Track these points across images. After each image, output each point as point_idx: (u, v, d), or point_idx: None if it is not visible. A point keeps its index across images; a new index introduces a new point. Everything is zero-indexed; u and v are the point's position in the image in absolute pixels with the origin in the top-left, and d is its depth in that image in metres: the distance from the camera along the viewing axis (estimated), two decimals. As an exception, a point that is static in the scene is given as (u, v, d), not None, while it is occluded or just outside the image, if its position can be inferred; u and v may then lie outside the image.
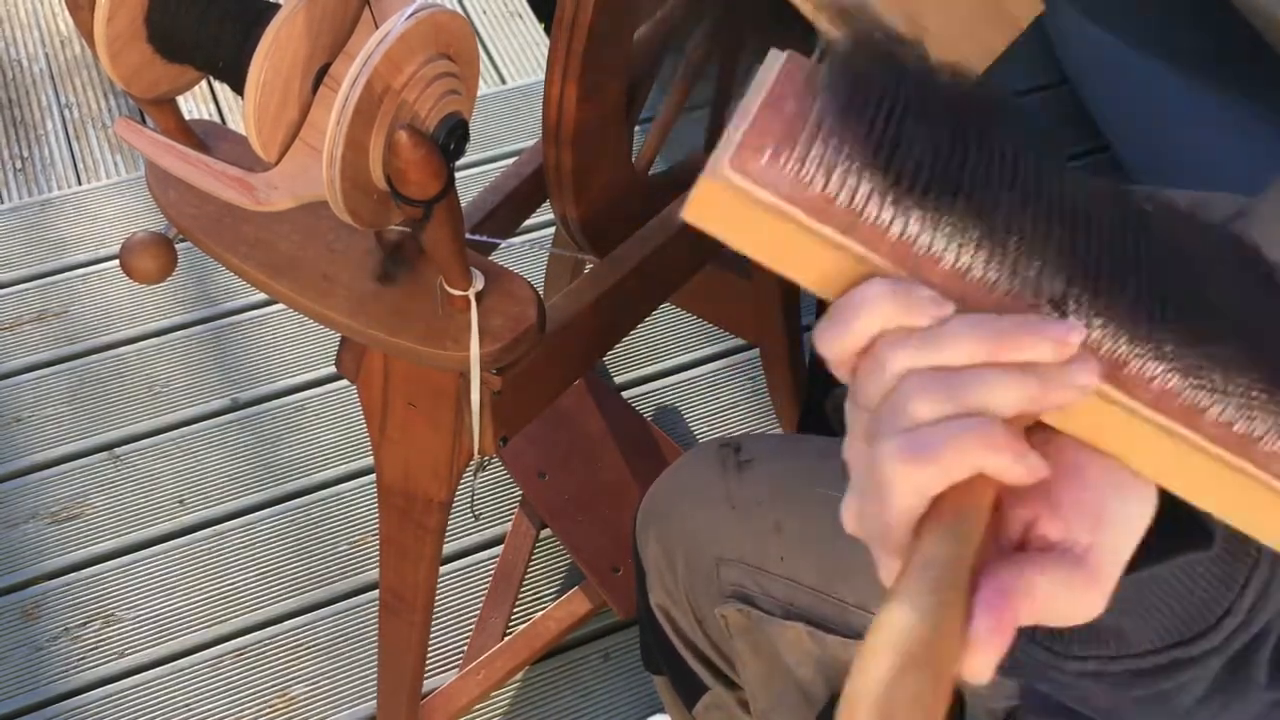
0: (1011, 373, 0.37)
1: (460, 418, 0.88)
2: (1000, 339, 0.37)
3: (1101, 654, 0.44)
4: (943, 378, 0.37)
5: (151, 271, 0.81)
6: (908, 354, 0.37)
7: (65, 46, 2.06)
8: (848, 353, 0.39)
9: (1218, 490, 0.38)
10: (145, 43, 0.70)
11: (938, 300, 0.37)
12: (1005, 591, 0.36)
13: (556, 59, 0.84)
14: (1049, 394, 0.37)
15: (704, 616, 0.93)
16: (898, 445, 0.36)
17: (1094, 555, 0.37)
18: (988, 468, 0.36)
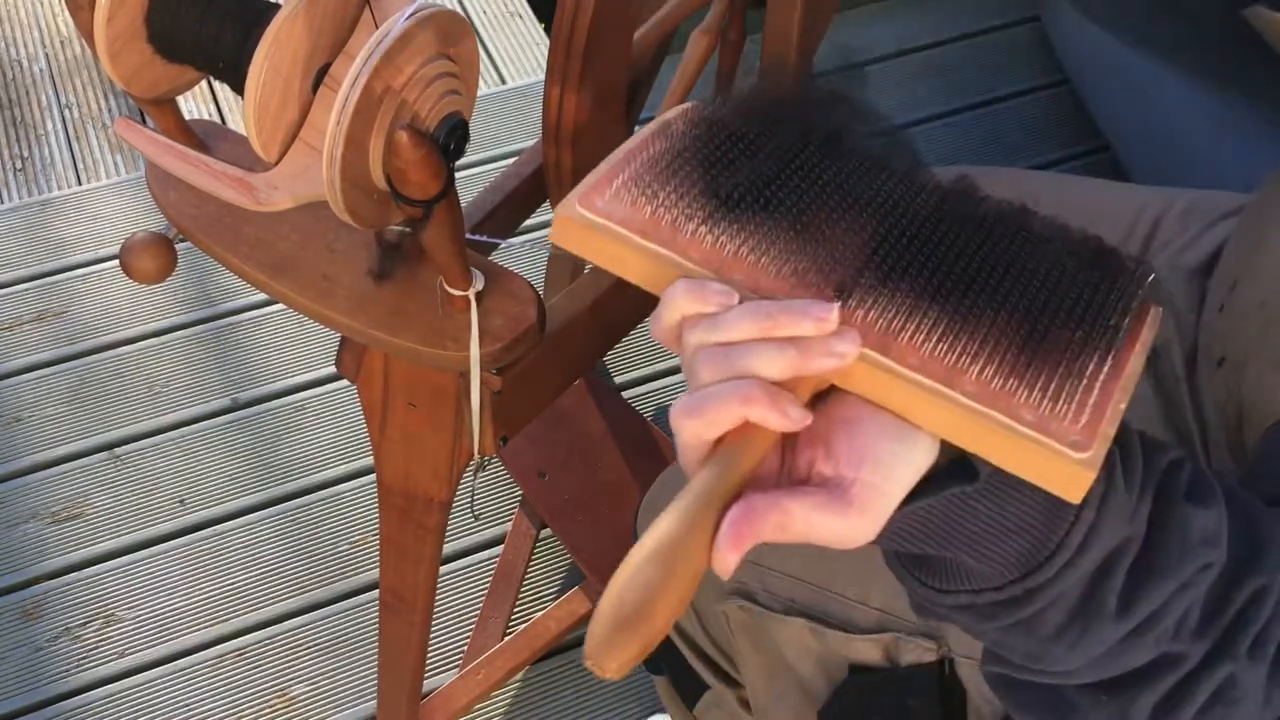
0: (777, 344, 0.46)
1: (460, 418, 0.88)
2: (769, 319, 0.46)
3: (967, 587, 0.52)
4: (721, 350, 0.47)
5: (151, 271, 0.81)
6: (698, 334, 0.48)
7: (65, 46, 2.06)
8: (665, 336, 0.49)
9: (978, 437, 0.46)
10: (145, 43, 0.70)
11: (725, 292, 0.47)
12: (751, 508, 0.44)
13: (556, 59, 0.85)
14: (809, 361, 0.46)
15: (705, 613, 0.93)
16: (681, 403, 0.46)
17: (856, 488, 0.46)
18: (749, 416, 0.45)
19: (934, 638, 0.81)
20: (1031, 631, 0.51)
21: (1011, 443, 0.45)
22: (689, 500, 0.44)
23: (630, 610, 0.42)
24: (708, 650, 0.96)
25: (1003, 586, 0.50)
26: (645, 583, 0.43)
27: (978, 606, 0.52)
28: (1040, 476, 0.46)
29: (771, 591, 0.86)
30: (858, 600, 0.83)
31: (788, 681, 0.87)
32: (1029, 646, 0.53)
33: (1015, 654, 0.54)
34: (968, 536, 0.50)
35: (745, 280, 0.48)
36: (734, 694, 0.97)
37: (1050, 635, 0.51)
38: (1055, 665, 0.53)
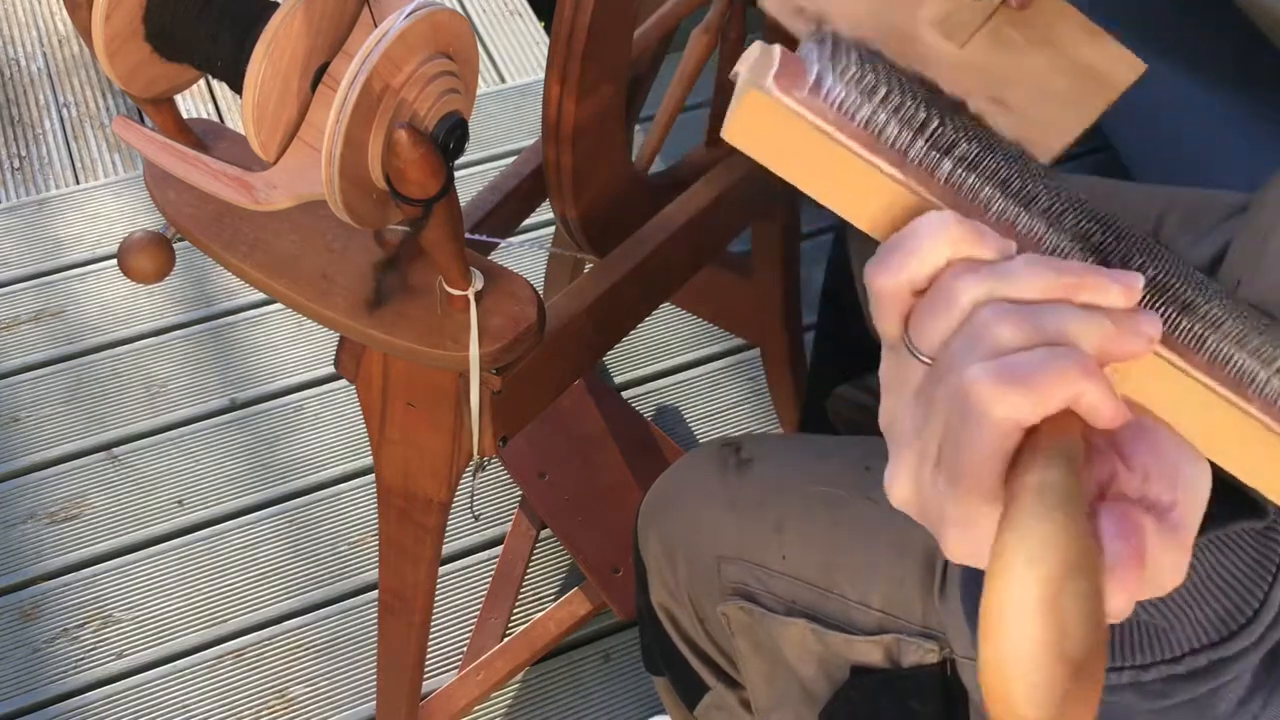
0: (1089, 311, 0.35)
1: (460, 418, 0.88)
2: (1075, 276, 0.36)
3: (1135, 663, 0.43)
4: (1025, 308, 0.35)
5: (149, 271, 0.81)
6: (981, 283, 0.35)
7: (63, 45, 2.06)
8: (910, 285, 0.37)
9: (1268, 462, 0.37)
10: (143, 41, 0.70)
11: (1003, 241, 0.36)
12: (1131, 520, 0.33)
13: (556, 58, 0.84)
14: (1122, 338, 0.35)
15: (706, 615, 0.93)
16: (991, 370, 0.34)
17: (1177, 514, 0.35)
18: (1086, 398, 0.34)
19: (936, 639, 0.81)
20: (1204, 711, 0.43)
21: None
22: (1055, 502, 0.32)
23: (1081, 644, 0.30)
24: (708, 651, 0.96)
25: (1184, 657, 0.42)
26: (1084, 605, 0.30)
27: (1144, 684, 0.43)
28: None
29: (773, 593, 0.85)
30: (859, 601, 0.83)
31: (789, 683, 0.87)
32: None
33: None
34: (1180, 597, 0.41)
35: None
36: (735, 695, 0.97)
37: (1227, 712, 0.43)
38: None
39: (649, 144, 1.07)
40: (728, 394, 1.64)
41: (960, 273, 0.36)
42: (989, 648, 0.30)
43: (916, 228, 0.36)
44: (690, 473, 0.94)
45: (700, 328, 1.67)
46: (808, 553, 0.85)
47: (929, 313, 0.36)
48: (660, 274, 1.01)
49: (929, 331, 0.36)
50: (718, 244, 1.11)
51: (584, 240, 0.97)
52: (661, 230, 0.99)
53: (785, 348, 1.39)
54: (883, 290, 0.37)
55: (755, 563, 0.86)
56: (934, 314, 0.36)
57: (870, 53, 0.40)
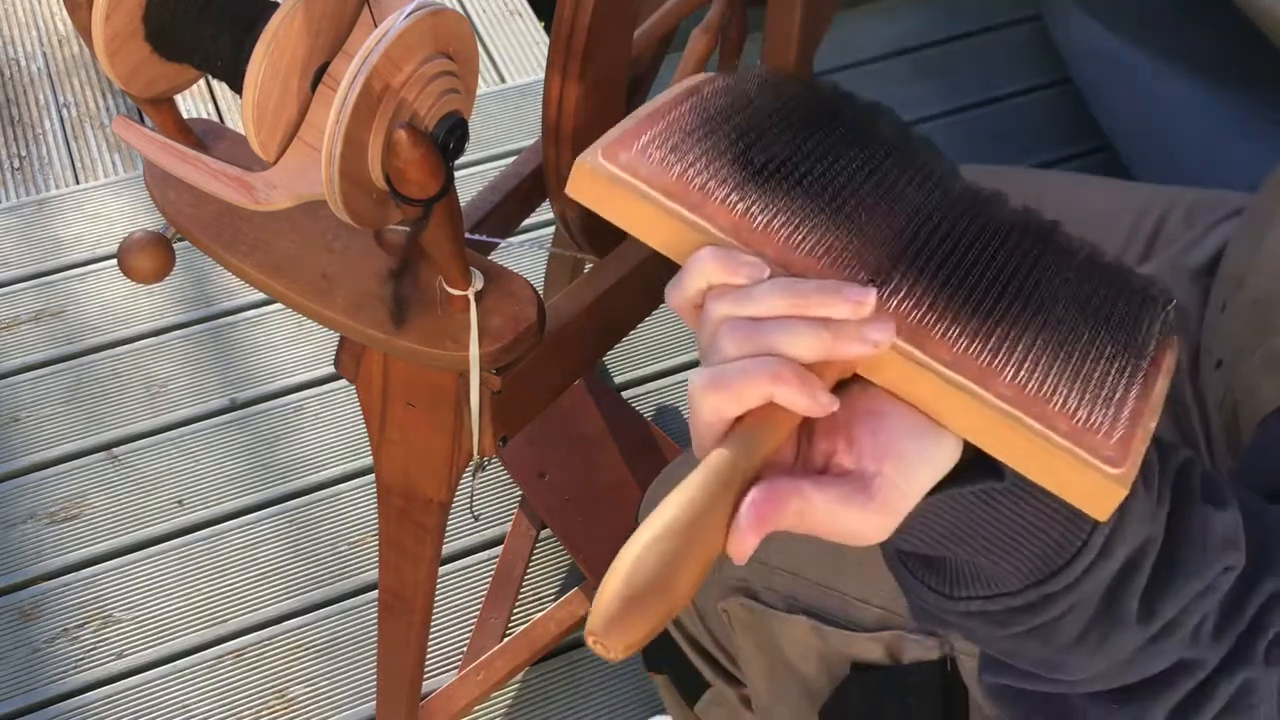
0: (809, 324, 0.44)
1: (460, 418, 0.88)
2: (802, 296, 0.44)
3: (980, 594, 0.50)
4: (749, 324, 0.44)
5: (149, 271, 0.81)
6: (725, 305, 0.45)
7: (63, 45, 2.06)
8: (684, 304, 0.47)
9: (1007, 442, 0.44)
10: (143, 41, 0.70)
11: (756, 265, 0.45)
12: (773, 491, 0.42)
13: (556, 58, 0.84)
14: (841, 344, 0.44)
15: (706, 611, 0.93)
16: (704, 375, 0.44)
17: (878, 482, 0.44)
18: (776, 397, 0.43)
19: (936, 635, 0.81)
20: (1048, 639, 0.50)
21: (1043, 451, 0.44)
22: (707, 477, 0.42)
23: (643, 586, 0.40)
24: (709, 648, 0.96)
25: (1019, 591, 0.49)
26: (660, 557, 0.40)
27: (991, 613, 0.50)
28: (1068, 489, 0.44)
29: (774, 589, 0.86)
30: (860, 598, 0.83)
31: (789, 679, 0.87)
32: (1044, 654, 0.51)
33: (1026, 662, 0.52)
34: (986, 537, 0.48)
35: (774, 256, 0.46)
36: (735, 692, 0.97)
37: (1068, 642, 0.50)
38: (1071, 674, 0.51)
39: (649, 144, 1.06)
40: (728, 394, 1.64)
41: (715, 296, 0.46)
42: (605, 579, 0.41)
43: (689, 261, 0.46)
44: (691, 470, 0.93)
45: (700, 328, 1.67)
46: (808, 549, 0.85)
47: (698, 325, 0.47)
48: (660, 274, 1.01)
49: (698, 340, 0.47)
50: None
51: (584, 240, 0.97)
52: (661, 230, 0.98)
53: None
54: (672, 307, 0.48)
55: (755, 559, 0.86)
56: (699, 326, 0.46)
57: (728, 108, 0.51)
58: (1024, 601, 0.49)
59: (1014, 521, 0.48)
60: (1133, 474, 0.44)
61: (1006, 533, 0.48)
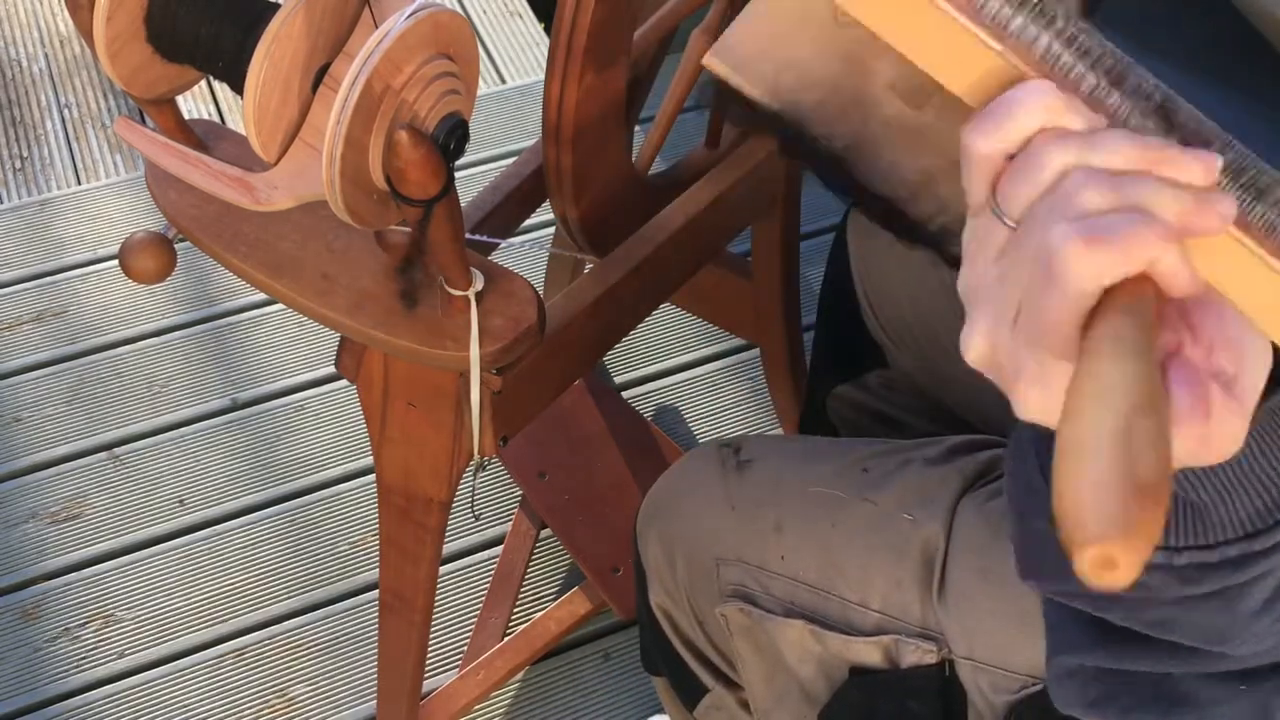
0: (1170, 185, 0.37)
1: (460, 418, 0.88)
2: (1158, 151, 0.38)
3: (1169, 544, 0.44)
4: (1110, 175, 0.37)
5: (151, 271, 0.81)
6: (1071, 150, 0.37)
7: (65, 46, 2.06)
8: (1003, 149, 0.39)
9: None
10: (145, 42, 0.70)
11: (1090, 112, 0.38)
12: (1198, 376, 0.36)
13: (556, 59, 0.84)
14: (1201, 214, 0.37)
15: (704, 617, 0.93)
16: (1076, 228, 0.36)
17: (1239, 385, 0.37)
18: (1163, 262, 0.36)
19: (934, 640, 0.81)
20: (1230, 604, 0.45)
21: None
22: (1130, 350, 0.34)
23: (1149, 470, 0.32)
24: (707, 652, 0.96)
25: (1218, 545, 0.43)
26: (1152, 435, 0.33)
27: (1175, 567, 0.44)
28: None
29: (771, 594, 0.86)
30: (858, 602, 0.83)
31: (788, 684, 0.87)
32: (1219, 623, 0.45)
33: (1189, 631, 0.46)
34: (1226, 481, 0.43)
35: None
36: (734, 696, 0.97)
37: (1253, 610, 0.45)
38: (1239, 646, 0.46)
39: (649, 144, 1.07)
40: (728, 394, 1.64)
41: (1051, 139, 0.38)
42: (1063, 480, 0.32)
43: (1014, 95, 0.38)
44: (689, 474, 0.94)
45: (700, 328, 1.67)
46: (806, 554, 0.85)
47: (1018, 176, 0.38)
48: (660, 274, 1.01)
49: (1017, 194, 0.38)
50: (717, 244, 1.11)
51: (584, 240, 0.97)
52: (661, 230, 0.99)
53: (785, 348, 1.40)
54: (976, 153, 0.39)
55: (754, 564, 0.86)
56: (1023, 177, 0.38)
57: None
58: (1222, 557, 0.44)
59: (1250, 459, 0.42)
60: None
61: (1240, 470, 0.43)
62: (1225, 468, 0.42)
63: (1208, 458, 0.37)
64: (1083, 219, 0.36)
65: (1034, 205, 0.38)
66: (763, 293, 1.33)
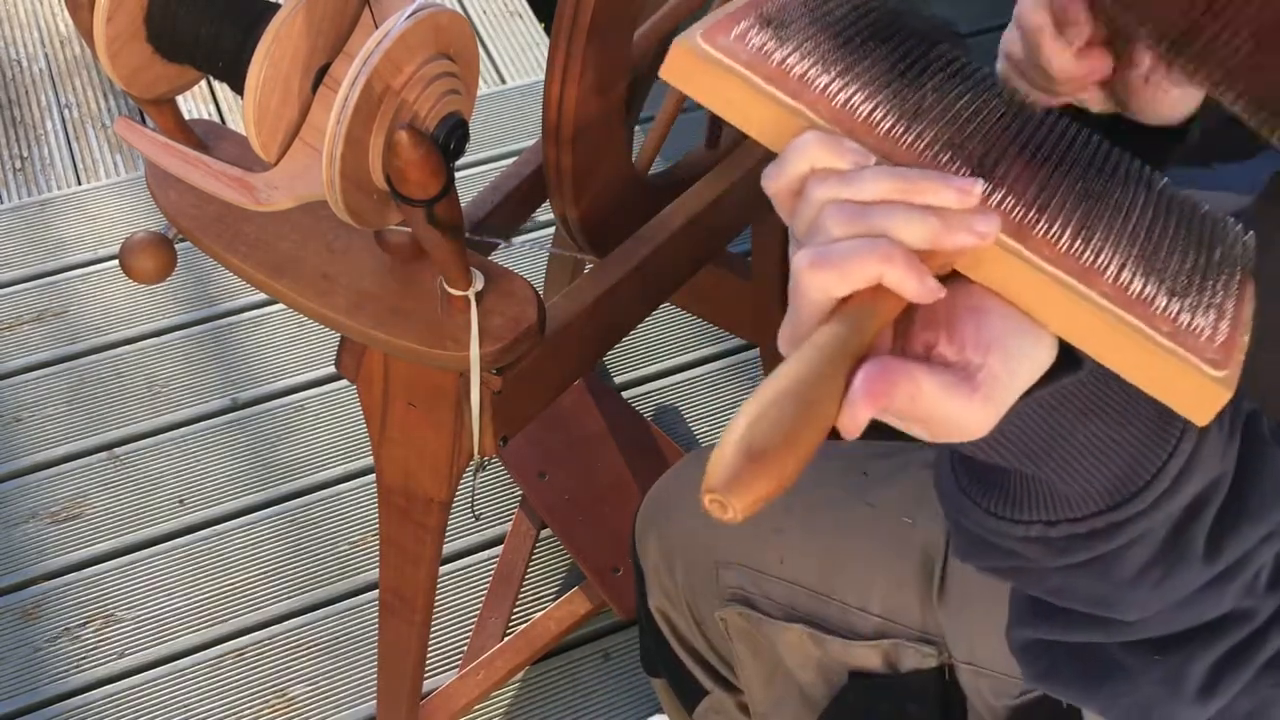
0: (918, 210, 0.43)
1: (460, 418, 0.88)
2: (909, 182, 0.43)
3: (1042, 518, 0.49)
4: (856, 206, 0.44)
5: (151, 271, 0.81)
6: (829, 187, 0.44)
7: (65, 46, 2.06)
8: (784, 189, 0.46)
9: (1110, 343, 0.43)
10: (145, 42, 0.70)
11: (861, 151, 0.45)
12: (886, 368, 0.42)
13: (556, 59, 0.84)
14: (949, 233, 0.43)
15: (703, 619, 0.93)
16: (809, 254, 0.43)
17: (982, 375, 0.43)
18: (885, 278, 0.42)
19: (934, 644, 0.81)
20: (1107, 572, 0.49)
21: (1146, 352, 0.43)
22: (819, 350, 0.41)
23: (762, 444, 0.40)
24: (706, 655, 0.96)
25: (1087, 516, 0.48)
26: (779, 418, 0.40)
27: (1053, 539, 0.49)
28: (1169, 393, 0.43)
29: (771, 598, 0.86)
30: (857, 606, 0.83)
31: (787, 687, 0.87)
32: (1100, 590, 0.50)
33: (1077, 599, 0.51)
34: (1069, 450, 0.47)
35: (874, 147, 0.46)
36: (733, 699, 0.97)
37: (1129, 577, 0.49)
38: (1125, 612, 0.50)
39: (649, 144, 1.07)
40: (728, 394, 1.64)
41: (816, 179, 0.45)
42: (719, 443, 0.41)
43: (791, 145, 0.45)
44: (689, 476, 0.94)
45: (700, 328, 1.67)
46: (806, 557, 0.85)
47: (797, 210, 0.46)
48: (660, 274, 1.01)
49: (796, 224, 0.46)
50: (717, 244, 1.11)
51: (584, 240, 0.97)
52: (661, 230, 0.99)
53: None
54: (770, 192, 0.46)
55: (753, 567, 0.86)
56: (799, 211, 0.45)
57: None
58: (1089, 528, 0.48)
59: (1093, 439, 0.47)
60: (1235, 378, 0.43)
61: (1085, 450, 0.47)
62: (1079, 447, 0.47)
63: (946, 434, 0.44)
64: (821, 245, 0.43)
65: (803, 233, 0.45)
66: (763, 293, 1.33)
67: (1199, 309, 0.44)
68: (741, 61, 0.47)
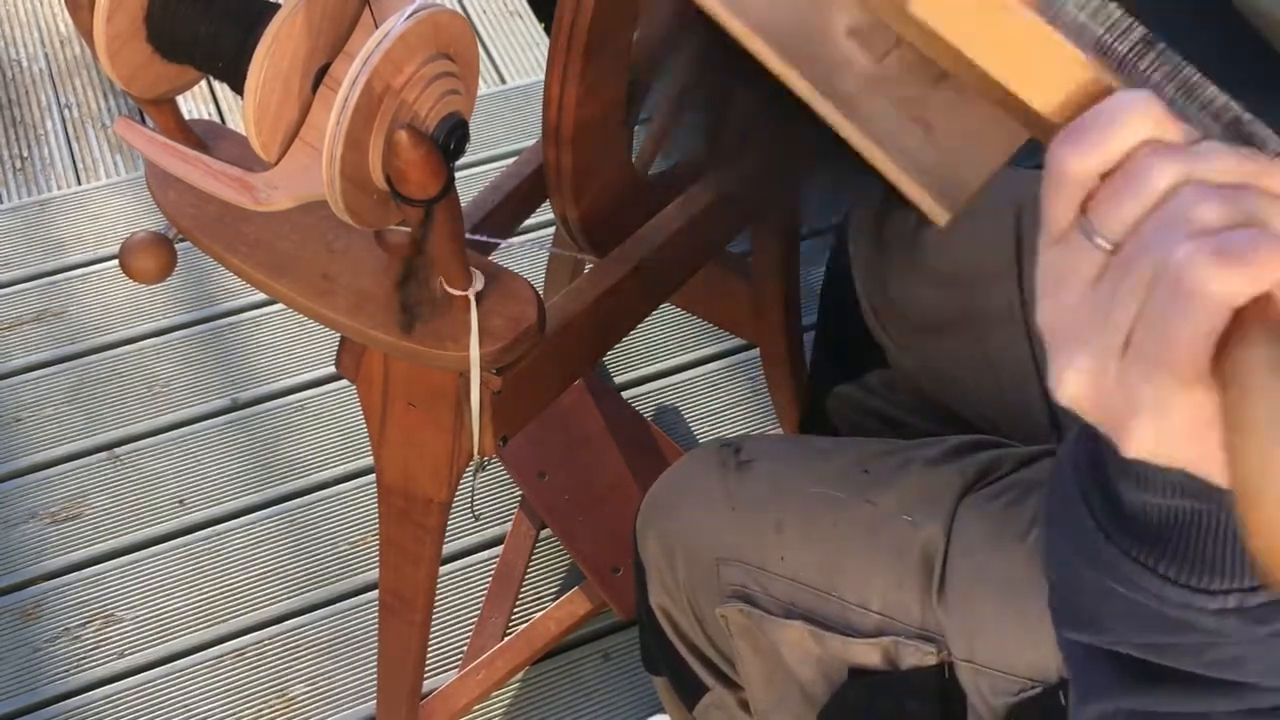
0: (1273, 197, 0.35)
1: (460, 418, 0.88)
2: (1260, 165, 0.35)
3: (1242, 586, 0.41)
4: (1223, 189, 0.35)
5: (151, 271, 0.81)
6: (1179, 165, 0.35)
7: (65, 46, 2.06)
8: (1100, 166, 0.36)
9: None
10: (145, 42, 0.70)
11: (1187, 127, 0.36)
12: None
13: (556, 59, 0.84)
14: None
15: (704, 616, 0.93)
16: (1204, 245, 0.33)
17: None
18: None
19: (934, 641, 0.81)
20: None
21: None
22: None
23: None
24: (707, 652, 0.96)
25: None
26: None
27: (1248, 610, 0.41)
28: None
29: (771, 595, 0.86)
30: (858, 603, 0.83)
31: (787, 685, 0.87)
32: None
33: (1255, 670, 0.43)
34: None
35: None
36: (734, 696, 0.97)
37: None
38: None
39: (649, 145, 1.07)
40: (728, 394, 1.64)
41: (1156, 153, 0.35)
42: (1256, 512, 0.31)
43: (1114, 106, 0.36)
44: (689, 473, 0.94)
45: (700, 328, 1.67)
46: (807, 554, 0.85)
47: (1120, 194, 0.36)
48: (660, 274, 1.01)
49: (1118, 214, 0.36)
50: (717, 244, 1.11)
51: (584, 240, 0.97)
52: (661, 230, 0.99)
53: (785, 348, 1.40)
54: (1070, 172, 0.36)
55: (754, 564, 0.86)
56: (1127, 195, 0.35)
57: None
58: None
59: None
60: None
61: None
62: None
63: None
64: (1206, 236, 0.34)
65: (1140, 225, 0.35)
66: (763, 293, 1.33)
67: None
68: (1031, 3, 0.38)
